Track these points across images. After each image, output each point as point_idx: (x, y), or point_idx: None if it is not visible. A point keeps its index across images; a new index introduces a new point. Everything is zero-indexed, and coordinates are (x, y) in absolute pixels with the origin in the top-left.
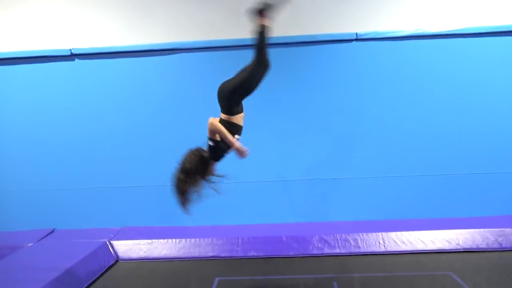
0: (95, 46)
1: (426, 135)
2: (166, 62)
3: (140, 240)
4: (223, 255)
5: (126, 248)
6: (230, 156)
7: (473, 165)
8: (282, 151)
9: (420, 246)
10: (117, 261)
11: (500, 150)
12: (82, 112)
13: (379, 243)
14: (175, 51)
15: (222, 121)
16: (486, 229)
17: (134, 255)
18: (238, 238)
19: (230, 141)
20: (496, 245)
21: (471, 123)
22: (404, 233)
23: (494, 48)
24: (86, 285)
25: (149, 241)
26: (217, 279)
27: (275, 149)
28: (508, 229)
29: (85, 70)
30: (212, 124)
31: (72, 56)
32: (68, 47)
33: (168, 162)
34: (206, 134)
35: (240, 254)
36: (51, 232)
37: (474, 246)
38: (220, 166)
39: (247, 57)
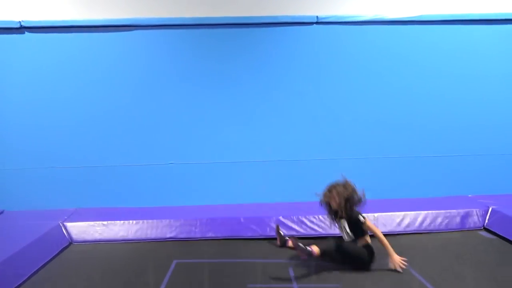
0: (47, 19)
1: (379, 121)
2: (122, 39)
3: (95, 222)
4: (181, 236)
5: (80, 230)
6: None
7: (425, 148)
8: (241, 132)
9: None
10: (70, 243)
11: (453, 135)
12: (31, 88)
13: (335, 224)
14: (132, 27)
15: None
16: (433, 211)
17: (88, 237)
18: (197, 220)
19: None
20: (442, 226)
21: (428, 106)
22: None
23: (449, 36)
24: (37, 268)
25: (105, 222)
26: (175, 261)
27: (234, 129)
28: (453, 210)
29: (36, 45)
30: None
31: (21, 28)
32: (17, 19)
33: (123, 142)
34: None
35: (198, 235)
36: None
37: (421, 228)
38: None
39: (205, 36)
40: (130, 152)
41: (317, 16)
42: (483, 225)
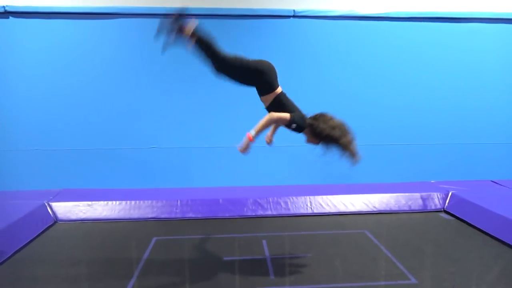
0: (31, 4)
1: (355, 109)
2: (105, 27)
3: (79, 202)
4: (162, 216)
5: (65, 209)
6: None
7: (392, 137)
8: (220, 119)
9: (342, 208)
10: (55, 222)
11: (417, 124)
12: (16, 73)
13: (307, 205)
14: (115, 15)
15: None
16: (399, 194)
17: (73, 216)
18: (177, 201)
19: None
20: (406, 208)
21: (395, 97)
22: (329, 196)
23: (419, 33)
24: (22, 245)
25: (89, 202)
26: (154, 238)
27: (214, 117)
28: (417, 193)
29: (20, 30)
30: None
31: (6, 13)
32: (1, 4)
33: (106, 127)
34: None
35: (178, 215)
36: None
37: (388, 209)
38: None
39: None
40: (115, 135)
41: (294, 10)
42: (443, 208)
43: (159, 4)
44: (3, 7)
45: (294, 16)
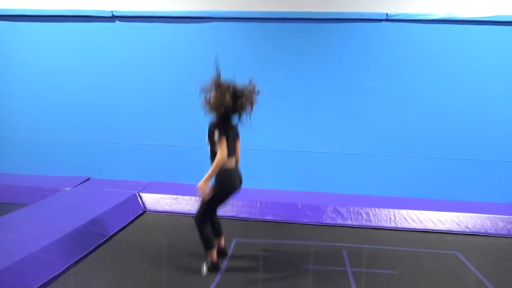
0: (135, 9)
1: (445, 119)
2: (198, 30)
3: (166, 195)
4: (241, 216)
5: (153, 201)
6: (259, 124)
7: (488, 152)
8: (304, 123)
9: (429, 225)
10: (144, 211)
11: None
12: (120, 71)
13: (390, 218)
14: (209, 19)
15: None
16: (496, 215)
17: (160, 208)
18: (257, 202)
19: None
20: (504, 232)
21: (494, 109)
22: (415, 211)
23: None
24: (116, 230)
25: (175, 196)
26: (234, 240)
27: (297, 120)
28: None
29: (125, 32)
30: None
31: (113, 17)
32: (109, 9)
33: (194, 126)
34: None
35: (257, 216)
36: (86, 180)
37: (483, 230)
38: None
39: (277, 30)
40: (198, 133)
41: (387, 14)
42: None
43: (249, 8)
44: (111, 12)
45: (386, 20)
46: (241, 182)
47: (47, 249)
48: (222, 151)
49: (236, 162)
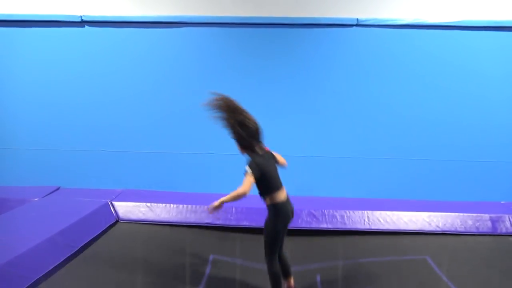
0: (104, 14)
1: (418, 121)
2: (171, 35)
3: (140, 203)
4: (218, 223)
5: (126, 209)
6: None
7: (459, 153)
8: (276, 127)
9: (402, 226)
10: (117, 221)
11: (488, 141)
12: (89, 77)
13: (364, 220)
14: (181, 24)
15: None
16: (464, 214)
17: (133, 216)
18: (232, 208)
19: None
20: (473, 229)
21: (465, 112)
22: (388, 212)
23: (490, 42)
24: (87, 240)
25: (148, 204)
26: (211, 256)
27: (270, 124)
28: (485, 214)
29: (94, 37)
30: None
31: (82, 22)
32: (78, 14)
33: (167, 131)
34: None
35: (233, 223)
36: (56, 190)
37: (453, 229)
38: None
39: (249, 35)
40: (176, 140)
41: (357, 19)
42: None
43: (220, 13)
44: (80, 17)
45: (357, 25)
46: (293, 212)
47: (12, 263)
48: (243, 186)
49: (286, 194)
